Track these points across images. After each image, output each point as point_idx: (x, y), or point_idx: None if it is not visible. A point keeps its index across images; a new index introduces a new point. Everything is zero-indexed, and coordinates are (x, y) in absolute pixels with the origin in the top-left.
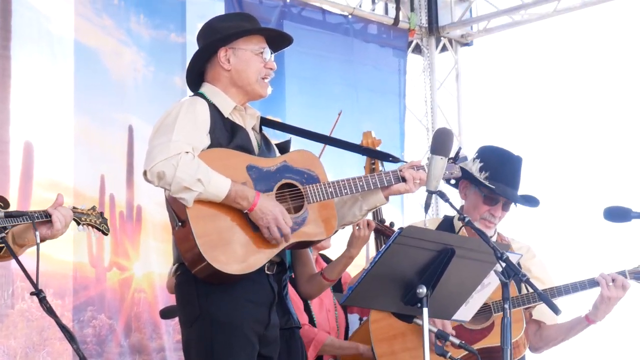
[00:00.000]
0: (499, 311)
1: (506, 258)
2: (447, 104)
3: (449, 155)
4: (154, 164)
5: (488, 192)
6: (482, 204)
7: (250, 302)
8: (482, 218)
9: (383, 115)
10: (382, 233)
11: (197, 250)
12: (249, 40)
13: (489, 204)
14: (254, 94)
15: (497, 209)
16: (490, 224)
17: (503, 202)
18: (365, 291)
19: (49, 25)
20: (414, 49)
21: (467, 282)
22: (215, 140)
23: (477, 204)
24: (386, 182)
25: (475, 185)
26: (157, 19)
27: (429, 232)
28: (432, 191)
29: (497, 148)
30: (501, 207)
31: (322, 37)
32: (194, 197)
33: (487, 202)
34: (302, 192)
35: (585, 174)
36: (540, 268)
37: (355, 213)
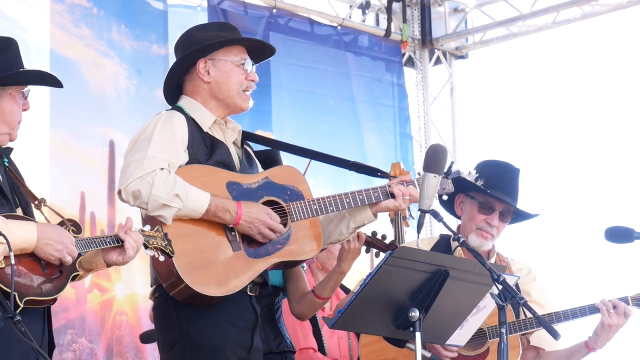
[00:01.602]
0: (494, 337)
1: (503, 280)
2: (441, 119)
3: (442, 173)
4: (128, 183)
5: (483, 198)
6: (478, 213)
7: (232, 325)
8: (478, 228)
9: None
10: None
11: (175, 272)
12: (229, 50)
13: (485, 213)
14: (235, 107)
15: (494, 218)
16: (487, 234)
17: (500, 210)
18: (355, 314)
19: (25, 36)
20: (407, 61)
21: (462, 305)
22: (193, 156)
23: (472, 213)
24: (374, 198)
25: (470, 197)
26: (138, 29)
27: (422, 253)
28: (425, 210)
29: (494, 160)
30: (498, 216)
31: (313, 48)
32: (173, 213)
33: (482, 210)
34: (285, 209)
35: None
36: (540, 292)
37: (342, 231)
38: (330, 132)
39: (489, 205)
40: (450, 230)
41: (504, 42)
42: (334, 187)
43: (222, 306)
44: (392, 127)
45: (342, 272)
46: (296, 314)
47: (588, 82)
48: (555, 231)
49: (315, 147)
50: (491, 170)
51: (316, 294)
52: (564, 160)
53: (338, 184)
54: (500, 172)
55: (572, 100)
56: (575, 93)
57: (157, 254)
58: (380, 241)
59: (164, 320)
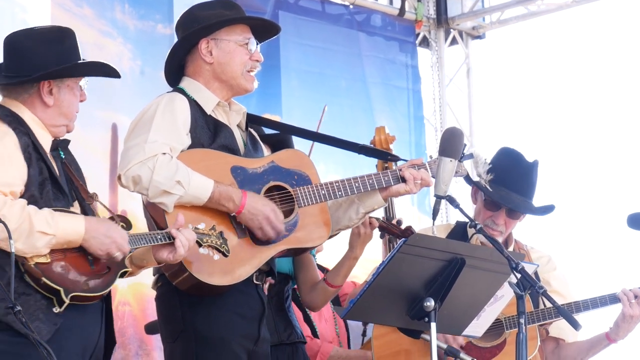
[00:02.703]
0: (511, 327)
1: (521, 269)
2: (457, 101)
3: (459, 157)
4: (128, 168)
5: (490, 197)
6: (484, 209)
7: (238, 315)
8: (484, 225)
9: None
10: (389, 231)
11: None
12: (233, 30)
13: (490, 210)
14: (239, 89)
15: (499, 216)
16: (493, 231)
17: (507, 208)
18: (368, 305)
19: (24, 15)
20: (421, 42)
21: (479, 294)
22: (196, 140)
23: (480, 208)
24: (384, 182)
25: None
26: (143, 8)
27: (437, 241)
28: (441, 196)
29: (511, 151)
30: (504, 214)
31: (323, 28)
32: (174, 201)
33: (488, 207)
34: (292, 194)
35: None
36: (560, 282)
37: (352, 216)
38: (341, 114)
39: (494, 202)
40: (467, 217)
41: (522, 21)
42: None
43: (227, 295)
44: (405, 110)
45: (354, 257)
46: (308, 304)
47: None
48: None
49: (325, 130)
50: (503, 163)
51: (328, 282)
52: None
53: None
54: (511, 166)
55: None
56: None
57: (212, 252)
58: (395, 226)
59: (167, 310)
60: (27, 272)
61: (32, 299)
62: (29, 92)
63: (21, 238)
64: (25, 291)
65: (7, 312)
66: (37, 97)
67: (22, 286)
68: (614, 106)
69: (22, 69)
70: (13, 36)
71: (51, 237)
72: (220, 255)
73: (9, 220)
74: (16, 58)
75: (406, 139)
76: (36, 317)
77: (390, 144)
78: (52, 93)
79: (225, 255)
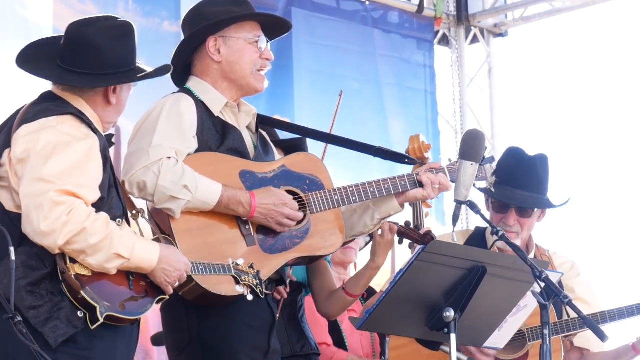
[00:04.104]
0: (534, 339)
1: (545, 277)
2: (478, 102)
3: (480, 160)
4: (132, 173)
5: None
6: (494, 213)
7: (246, 325)
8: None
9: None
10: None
11: None
12: (242, 27)
13: (499, 212)
14: (248, 89)
15: (510, 217)
16: (508, 234)
17: (515, 208)
18: (385, 315)
19: (25, 12)
20: (441, 40)
21: (501, 304)
22: (203, 143)
23: (491, 213)
24: (401, 187)
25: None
26: (148, 5)
27: (457, 248)
28: (461, 201)
29: (514, 149)
30: (515, 213)
31: (337, 26)
32: (182, 206)
33: (496, 210)
34: (304, 200)
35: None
36: (585, 289)
37: (367, 222)
38: (352, 117)
39: (501, 203)
40: (487, 223)
41: (546, 18)
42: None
43: (236, 306)
44: (420, 112)
45: (376, 267)
46: (324, 313)
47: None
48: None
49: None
50: (506, 163)
51: (347, 292)
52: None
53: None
54: (513, 165)
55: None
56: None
57: (247, 291)
58: (414, 231)
59: (173, 321)
60: (65, 281)
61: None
62: (95, 90)
63: (96, 254)
64: (54, 291)
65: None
66: (102, 96)
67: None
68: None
69: (90, 66)
70: (80, 28)
71: (125, 261)
72: (254, 296)
73: (91, 235)
74: (85, 53)
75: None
76: (56, 317)
77: (426, 153)
78: (115, 92)
79: (259, 297)
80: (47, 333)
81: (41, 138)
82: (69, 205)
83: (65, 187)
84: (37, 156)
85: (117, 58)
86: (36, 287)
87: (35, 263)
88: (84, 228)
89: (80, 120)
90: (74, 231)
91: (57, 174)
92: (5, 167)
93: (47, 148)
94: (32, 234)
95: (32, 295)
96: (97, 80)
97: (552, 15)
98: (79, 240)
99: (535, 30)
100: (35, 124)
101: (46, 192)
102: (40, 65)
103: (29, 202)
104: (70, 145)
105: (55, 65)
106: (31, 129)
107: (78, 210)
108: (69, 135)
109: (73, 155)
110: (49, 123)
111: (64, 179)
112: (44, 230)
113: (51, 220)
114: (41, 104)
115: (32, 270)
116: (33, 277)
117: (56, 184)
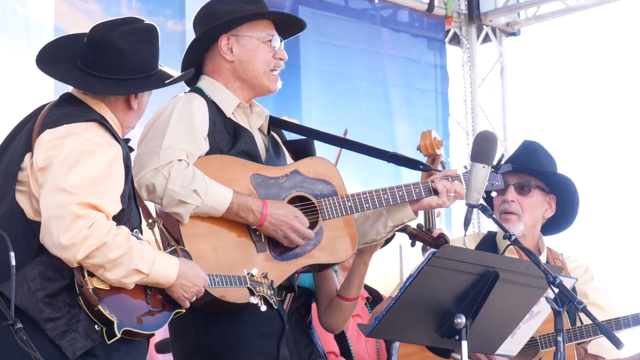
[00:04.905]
0: (546, 346)
1: (559, 283)
2: (489, 103)
3: (492, 163)
4: (141, 175)
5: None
6: (497, 198)
7: (255, 332)
8: (501, 213)
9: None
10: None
11: None
12: (255, 25)
13: (500, 194)
14: (261, 89)
15: (509, 193)
16: (510, 215)
17: (513, 183)
18: (394, 321)
19: (26, 11)
20: (452, 39)
21: (514, 310)
22: (214, 145)
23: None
24: (415, 194)
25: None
26: (152, 3)
27: (469, 253)
28: (473, 205)
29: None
30: (513, 190)
31: (345, 25)
32: (190, 211)
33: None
34: (316, 206)
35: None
36: (599, 293)
37: (379, 230)
38: (359, 118)
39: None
40: (500, 227)
41: (560, 17)
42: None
43: (244, 312)
44: (430, 114)
45: (364, 262)
46: (326, 325)
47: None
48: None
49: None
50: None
51: (342, 296)
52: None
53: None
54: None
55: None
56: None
57: (260, 302)
58: (427, 233)
59: (180, 328)
60: (82, 295)
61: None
62: (117, 95)
63: (115, 269)
64: (72, 303)
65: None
66: (124, 101)
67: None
68: None
69: (112, 70)
70: (103, 31)
71: (144, 277)
72: (268, 307)
73: (111, 250)
74: (107, 57)
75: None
76: (74, 329)
77: (437, 149)
78: (137, 97)
79: (272, 307)
80: (65, 346)
81: (65, 145)
82: (90, 219)
83: (87, 200)
84: (60, 165)
85: (141, 63)
86: (54, 298)
87: (54, 274)
88: (105, 243)
89: (104, 127)
90: (94, 246)
91: (79, 185)
92: (26, 171)
93: (71, 156)
94: (51, 245)
95: (50, 307)
96: (120, 86)
97: (566, 14)
98: (98, 255)
99: (549, 29)
100: (60, 129)
101: (68, 204)
102: (60, 65)
103: (49, 213)
104: (94, 155)
105: (75, 67)
106: (55, 135)
107: (99, 224)
108: (93, 143)
109: (97, 165)
110: (75, 130)
111: (86, 191)
112: (64, 243)
113: (72, 234)
114: (63, 107)
115: (50, 282)
116: (51, 289)
117: (79, 196)
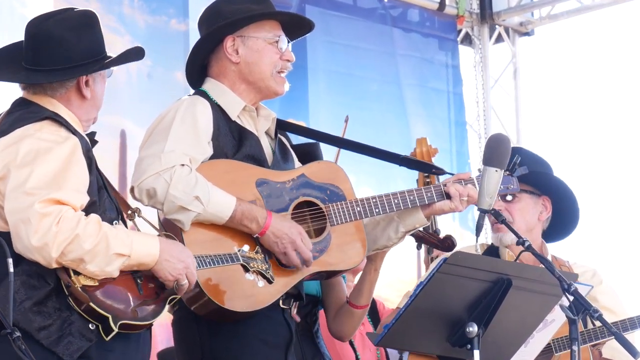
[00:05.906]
0: (560, 350)
1: (574, 290)
2: (502, 105)
3: (505, 167)
4: (142, 180)
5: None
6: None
7: (262, 342)
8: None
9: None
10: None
11: (196, 283)
12: (261, 26)
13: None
14: (268, 92)
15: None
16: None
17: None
18: (404, 330)
19: (24, 10)
20: (463, 39)
21: (527, 318)
22: (219, 149)
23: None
24: (427, 199)
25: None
26: (155, 2)
27: (481, 259)
28: (486, 210)
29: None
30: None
31: (354, 24)
32: (192, 218)
33: None
34: (324, 212)
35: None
36: (609, 296)
37: (390, 235)
38: (372, 120)
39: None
40: (513, 232)
41: (574, 16)
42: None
43: (250, 321)
44: (445, 115)
45: (375, 269)
46: (336, 333)
47: None
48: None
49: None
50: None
51: (352, 303)
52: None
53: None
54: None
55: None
56: None
57: (257, 278)
58: (433, 235)
59: (185, 337)
60: (71, 295)
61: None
62: (66, 86)
63: (95, 259)
64: (61, 307)
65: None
66: (75, 92)
67: (58, 302)
68: None
69: (56, 61)
70: (38, 24)
71: (126, 258)
72: (265, 282)
73: (84, 241)
74: (48, 48)
75: (446, 147)
76: (68, 332)
77: (432, 157)
78: (88, 85)
79: (270, 281)
80: (62, 351)
81: (20, 149)
82: (56, 215)
83: (49, 196)
84: (17, 169)
85: (83, 49)
86: (42, 305)
87: (37, 282)
88: (77, 235)
89: (57, 123)
90: (66, 240)
91: (40, 184)
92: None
93: (27, 158)
94: (25, 250)
95: (39, 315)
96: (64, 73)
97: (581, 13)
98: (73, 248)
99: (563, 28)
100: (13, 135)
101: (31, 205)
102: (8, 70)
103: (16, 218)
104: (51, 152)
105: (21, 68)
106: (9, 141)
107: (67, 218)
108: (48, 141)
109: (55, 161)
110: (27, 132)
111: (47, 188)
112: (35, 245)
113: (41, 234)
114: (14, 112)
115: (35, 290)
116: (37, 297)
117: (40, 195)
